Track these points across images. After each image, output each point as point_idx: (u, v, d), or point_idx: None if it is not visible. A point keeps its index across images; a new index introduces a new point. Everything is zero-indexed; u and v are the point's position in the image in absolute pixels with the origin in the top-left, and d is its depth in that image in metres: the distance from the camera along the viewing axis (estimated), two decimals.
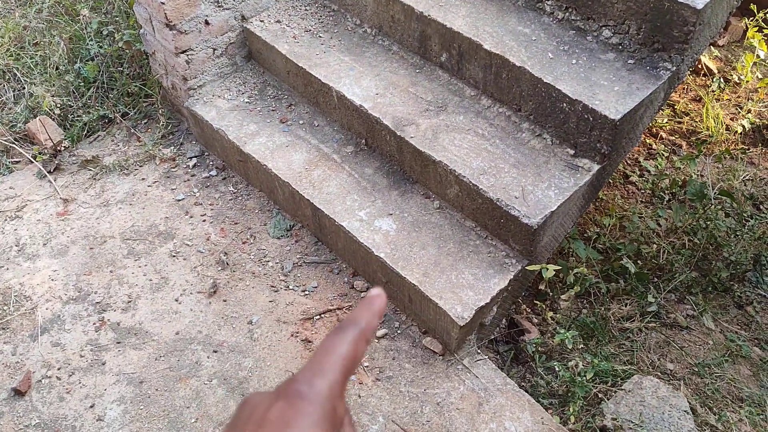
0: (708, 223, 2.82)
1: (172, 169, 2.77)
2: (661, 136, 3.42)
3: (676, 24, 2.12)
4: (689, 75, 3.65)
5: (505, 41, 2.32)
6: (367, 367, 2.18)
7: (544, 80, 2.20)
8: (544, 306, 2.39)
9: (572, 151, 2.25)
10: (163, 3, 2.45)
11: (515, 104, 2.35)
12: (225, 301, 2.33)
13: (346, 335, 0.47)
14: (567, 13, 2.38)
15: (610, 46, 2.29)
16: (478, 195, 2.20)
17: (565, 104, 2.19)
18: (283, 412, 0.42)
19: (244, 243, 2.50)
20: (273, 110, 2.69)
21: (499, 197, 2.15)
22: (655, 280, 2.72)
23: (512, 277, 2.17)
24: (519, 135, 2.32)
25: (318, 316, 2.29)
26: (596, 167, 2.20)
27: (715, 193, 2.80)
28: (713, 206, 2.84)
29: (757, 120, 3.44)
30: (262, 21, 2.73)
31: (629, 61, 2.25)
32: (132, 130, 2.94)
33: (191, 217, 2.59)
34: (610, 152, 2.19)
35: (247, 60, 2.84)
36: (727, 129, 3.39)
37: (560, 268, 2.27)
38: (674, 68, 2.19)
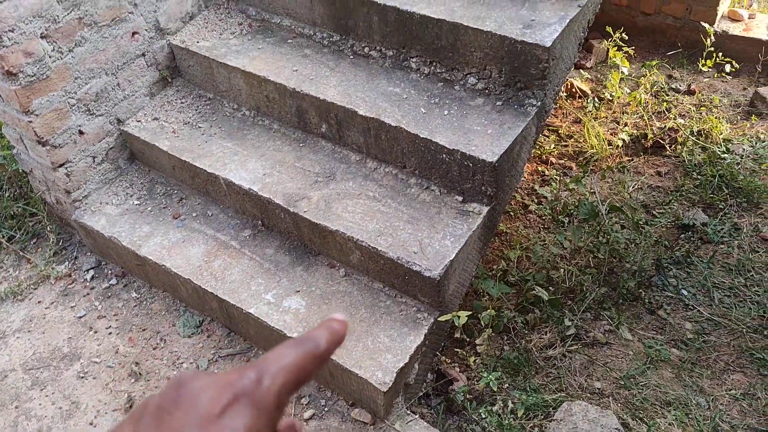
0: (607, 237, 2.93)
1: (69, 286, 2.67)
2: (551, 161, 3.56)
3: (532, 63, 2.24)
4: (566, 100, 3.85)
5: (378, 104, 2.39)
6: None
7: (421, 136, 2.26)
8: (464, 352, 2.41)
9: (461, 198, 2.31)
10: (30, 121, 2.39)
11: (399, 162, 2.40)
12: None
13: (300, 348, 0.44)
14: (432, 67, 2.47)
15: (477, 92, 2.39)
16: (379, 257, 2.22)
17: (444, 155, 2.25)
18: (224, 407, 0.39)
19: (155, 349, 2.42)
20: (164, 207, 2.64)
21: (399, 255, 2.17)
22: (569, 302, 2.80)
23: (426, 331, 2.18)
24: (408, 191, 2.37)
25: None
26: (486, 209, 2.27)
27: (605, 209, 2.93)
28: (608, 222, 2.97)
29: (635, 131, 3.64)
30: (139, 121, 2.71)
31: (497, 103, 2.35)
32: (21, 253, 2.82)
33: (95, 332, 2.49)
34: (495, 192, 2.26)
35: (131, 161, 2.80)
36: (609, 144, 3.57)
37: (471, 313, 2.29)
38: (539, 103, 2.31)
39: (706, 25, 3.75)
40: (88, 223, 2.62)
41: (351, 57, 2.57)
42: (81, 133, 2.56)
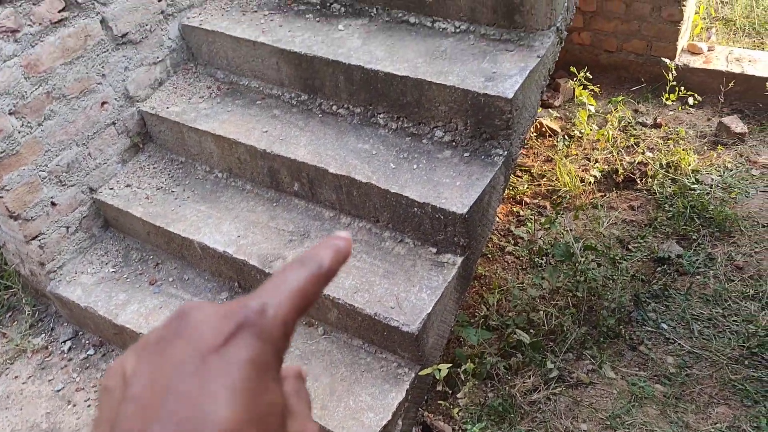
0: (584, 276, 2.96)
1: (47, 359, 2.64)
2: (525, 201, 3.60)
3: (496, 114, 2.29)
4: (537, 139, 3.91)
5: (348, 161, 2.42)
6: None
7: (392, 191, 2.29)
8: (447, 404, 2.40)
9: (434, 250, 2.33)
10: (1, 197, 2.39)
11: (373, 217, 2.43)
12: None
13: (304, 270, 0.41)
14: (400, 122, 2.51)
15: (444, 145, 2.43)
16: (356, 314, 2.22)
17: (416, 208, 2.28)
18: (227, 338, 0.37)
19: None
20: (140, 274, 2.64)
21: (377, 311, 2.18)
22: (551, 344, 2.80)
23: (408, 386, 2.18)
24: (383, 245, 2.39)
25: None
26: (460, 260, 2.29)
27: (580, 248, 2.96)
28: (584, 260, 3.00)
29: (606, 167, 3.70)
30: (111, 189, 2.72)
31: (465, 155, 2.39)
32: None
33: (74, 405, 2.46)
34: (468, 242, 2.28)
35: (105, 229, 2.80)
36: (582, 181, 3.63)
37: (451, 365, 2.29)
38: (506, 152, 2.35)
39: (667, 61, 3.85)
40: (64, 294, 2.60)
41: (320, 116, 2.61)
42: (53, 204, 2.56)
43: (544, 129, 3.93)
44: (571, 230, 3.35)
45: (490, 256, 3.29)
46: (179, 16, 2.78)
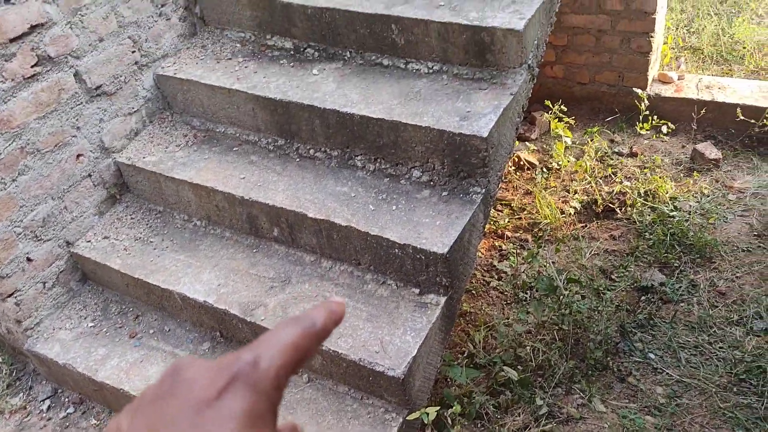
0: (569, 308, 2.95)
1: (25, 419, 2.57)
2: (507, 235, 3.61)
3: (472, 153, 2.30)
4: (516, 173, 3.94)
5: (327, 204, 2.41)
6: None
7: (372, 233, 2.28)
8: None
9: (417, 290, 2.31)
10: None
11: (354, 259, 2.41)
12: None
13: (297, 326, 0.42)
14: (377, 164, 2.52)
15: (422, 185, 2.44)
16: (341, 360, 2.19)
17: (397, 250, 2.27)
18: (220, 391, 0.37)
19: None
20: (120, 327, 2.59)
21: (361, 357, 2.15)
22: (539, 380, 2.78)
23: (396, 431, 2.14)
24: (365, 287, 2.37)
25: None
26: (443, 299, 2.27)
27: (563, 281, 2.96)
28: (568, 293, 2.99)
29: (585, 197, 3.72)
30: (89, 241, 2.68)
31: (443, 194, 2.39)
32: None
33: None
34: (451, 282, 2.27)
35: (83, 282, 2.76)
36: (562, 213, 3.64)
37: (439, 408, 2.26)
38: (483, 190, 2.35)
39: (639, 91, 3.92)
40: (42, 352, 2.54)
41: (297, 160, 2.61)
42: (29, 260, 2.52)
43: (522, 162, 3.96)
44: (554, 263, 3.36)
45: (474, 292, 3.27)
46: (153, 66, 2.78)
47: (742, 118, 3.76)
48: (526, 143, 4.13)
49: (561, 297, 2.95)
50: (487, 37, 2.37)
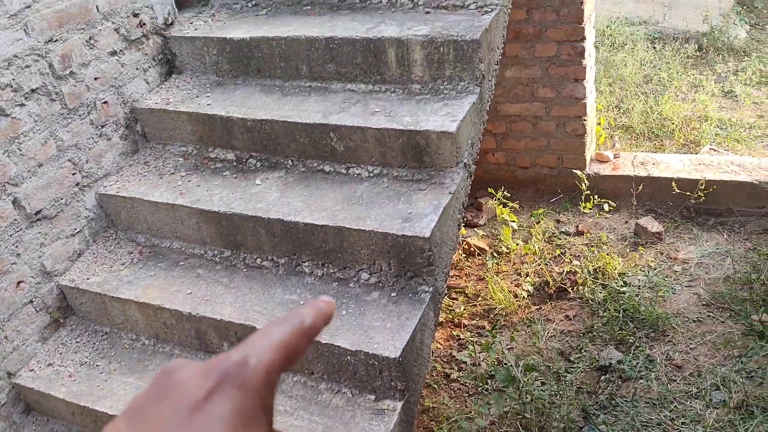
0: (531, 396, 2.93)
1: None
2: (463, 324, 3.61)
3: (416, 253, 2.33)
4: (467, 259, 3.98)
5: (276, 314, 2.39)
6: None
7: (322, 341, 2.26)
8: None
9: (373, 397, 2.27)
10: None
11: (307, 370, 2.37)
12: None
13: (286, 324, 0.42)
14: (325, 269, 2.52)
15: (371, 287, 2.44)
16: None
17: (349, 356, 2.24)
18: (209, 392, 0.37)
19: None
20: None
21: None
22: None
23: None
24: (320, 398, 2.32)
25: None
26: (400, 404, 2.23)
27: (521, 370, 2.95)
28: (528, 381, 2.98)
29: (537, 279, 3.77)
30: (32, 370, 2.59)
31: (392, 295, 2.39)
32: None
33: None
34: (406, 385, 2.24)
35: (27, 414, 2.64)
36: (515, 296, 3.68)
37: None
38: (431, 288, 2.37)
39: (578, 172, 4.06)
40: None
41: (244, 270, 2.60)
42: None
43: (472, 249, 4.01)
44: (511, 348, 3.36)
45: (435, 385, 3.24)
46: (95, 186, 2.78)
47: (677, 191, 3.91)
48: (475, 229, 4.21)
49: (521, 386, 2.93)
50: (423, 140, 2.45)
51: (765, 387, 2.93)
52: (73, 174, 2.68)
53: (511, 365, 2.94)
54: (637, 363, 3.19)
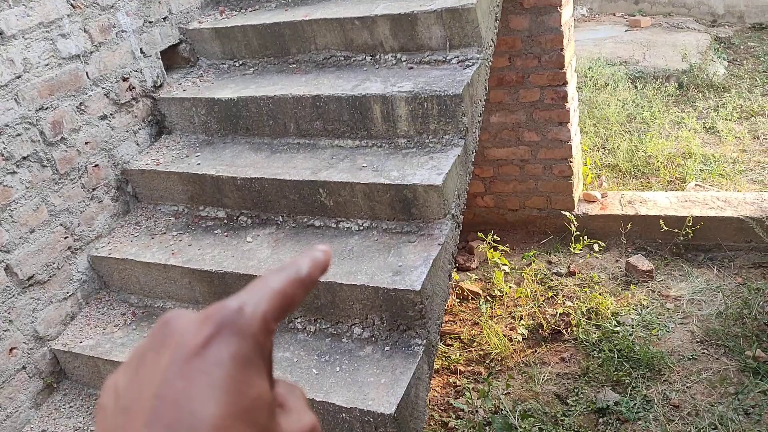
0: None
1: None
2: (459, 370, 3.60)
3: (408, 306, 2.34)
4: (461, 304, 3.99)
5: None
6: None
7: (317, 399, 2.25)
8: None
9: None
10: None
11: None
12: None
13: (281, 274, 0.42)
14: (317, 324, 2.53)
15: (364, 341, 2.45)
16: None
17: (344, 414, 2.24)
18: (207, 339, 0.37)
19: None
20: None
21: None
22: None
23: None
24: None
25: None
26: None
27: (518, 418, 2.94)
28: (526, 428, 2.97)
29: (531, 321, 3.78)
30: None
31: (386, 349, 2.40)
32: None
33: None
34: None
35: None
36: (510, 340, 3.68)
37: None
38: (425, 340, 2.38)
39: (567, 213, 4.10)
40: None
41: None
42: None
43: (466, 293, 4.03)
44: (509, 393, 3.35)
45: None
46: (87, 249, 2.80)
47: (666, 228, 3.95)
48: (468, 273, 4.23)
49: None
50: (410, 194, 2.49)
51: (762, 424, 2.93)
52: (65, 238, 2.70)
53: (508, 412, 2.93)
54: (635, 404, 3.19)
